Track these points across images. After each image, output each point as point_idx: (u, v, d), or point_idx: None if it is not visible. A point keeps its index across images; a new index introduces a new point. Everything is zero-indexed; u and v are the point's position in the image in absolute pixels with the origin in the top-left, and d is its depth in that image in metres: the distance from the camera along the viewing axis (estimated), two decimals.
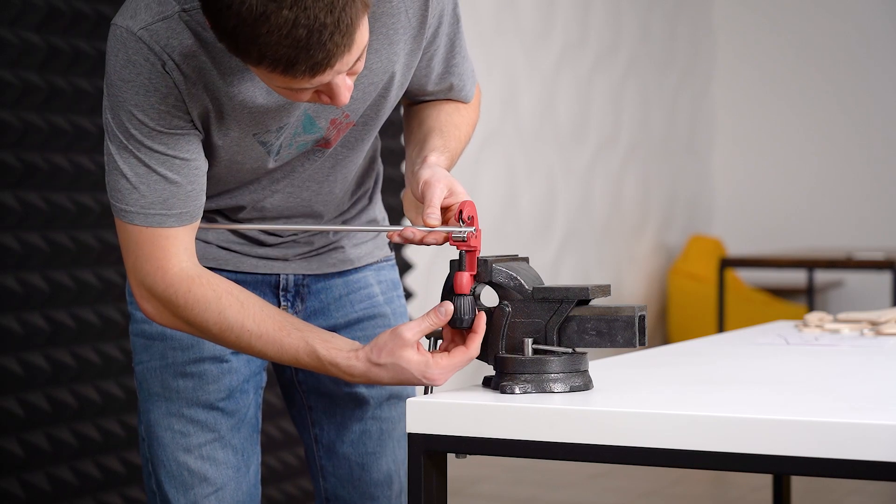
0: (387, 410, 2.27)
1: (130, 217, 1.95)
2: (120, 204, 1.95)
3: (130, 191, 1.94)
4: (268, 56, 1.73)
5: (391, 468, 2.28)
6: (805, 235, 8.82)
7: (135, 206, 1.94)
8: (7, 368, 3.38)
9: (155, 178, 1.93)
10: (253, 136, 2.00)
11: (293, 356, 1.96)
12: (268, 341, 1.96)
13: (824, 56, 8.86)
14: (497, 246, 6.27)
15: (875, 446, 1.57)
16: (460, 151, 2.16)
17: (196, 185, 1.97)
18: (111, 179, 1.95)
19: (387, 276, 2.31)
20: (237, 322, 1.96)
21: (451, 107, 2.19)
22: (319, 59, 1.74)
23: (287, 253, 2.19)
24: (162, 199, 1.94)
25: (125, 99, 1.91)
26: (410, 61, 2.07)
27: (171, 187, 1.94)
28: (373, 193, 2.28)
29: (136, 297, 2.00)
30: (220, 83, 1.93)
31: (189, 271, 1.97)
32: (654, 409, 1.69)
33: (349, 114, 2.05)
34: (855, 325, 2.64)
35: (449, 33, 2.11)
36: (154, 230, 1.95)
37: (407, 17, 2.03)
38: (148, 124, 1.91)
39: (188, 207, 1.96)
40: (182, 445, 2.16)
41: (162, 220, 1.95)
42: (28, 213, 3.43)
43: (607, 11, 7.84)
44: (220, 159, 2.02)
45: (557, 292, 1.85)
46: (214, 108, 1.95)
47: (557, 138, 7.36)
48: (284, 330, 1.96)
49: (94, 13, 3.58)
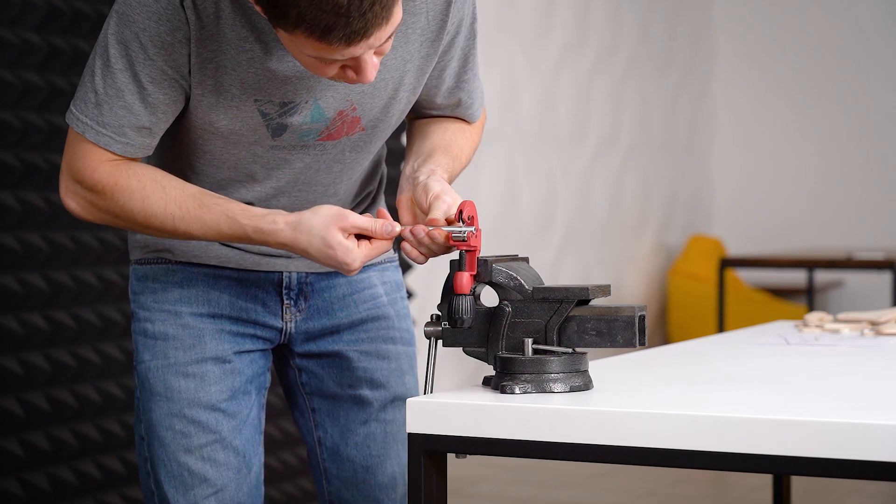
0: (391, 413, 2.27)
1: (83, 128, 2.00)
2: (79, 114, 2.00)
3: (94, 106, 1.99)
4: (306, 20, 1.75)
5: (395, 471, 2.28)
6: (805, 235, 8.82)
7: (91, 120, 1.99)
8: (7, 368, 3.38)
9: (121, 104, 1.98)
10: (254, 103, 2.00)
11: (216, 230, 2.00)
12: (191, 221, 2.01)
13: (824, 56, 8.86)
14: (497, 246, 6.26)
15: (875, 446, 1.57)
16: (458, 173, 2.17)
17: (153, 127, 2.01)
18: (81, 92, 2.00)
19: (391, 278, 2.32)
20: (160, 207, 2.01)
21: (457, 126, 2.20)
22: (357, 28, 1.76)
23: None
24: (118, 125, 1.99)
25: (135, 20, 1.94)
26: (424, 66, 2.07)
27: (131, 118, 1.98)
28: (376, 195, 2.29)
29: (62, 193, 2.05)
30: (233, 36, 1.94)
31: (118, 166, 2.02)
32: (654, 409, 1.69)
33: (357, 107, 2.05)
34: (855, 325, 2.64)
35: (464, 47, 2.12)
36: (98, 147, 2.01)
37: (427, 19, 2.03)
38: (148, 51, 1.95)
39: (136, 142, 2.01)
40: (183, 446, 2.15)
41: (108, 143, 2.00)
42: (28, 213, 3.43)
43: (607, 11, 7.83)
44: (218, 126, 2.02)
45: (557, 292, 1.85)
46: (221, 59, 1.96)
47: (557, 138, 7.36)
48: (205, 207, 2.00)
49: (94, 13, 3.58)
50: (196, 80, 1.98)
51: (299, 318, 2.22)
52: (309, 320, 2.23)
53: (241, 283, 2.18)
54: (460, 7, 2.07)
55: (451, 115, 2.21)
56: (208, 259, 2.16)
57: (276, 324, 2.21)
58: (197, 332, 2.15)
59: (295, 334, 2.23)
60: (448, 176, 2.08)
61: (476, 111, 2.22)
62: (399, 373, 2.27)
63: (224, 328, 2.17)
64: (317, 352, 2.25)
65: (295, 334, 2.23)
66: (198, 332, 2.15)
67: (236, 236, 2.00)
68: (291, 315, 2.21)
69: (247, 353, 2.19)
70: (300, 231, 1.96)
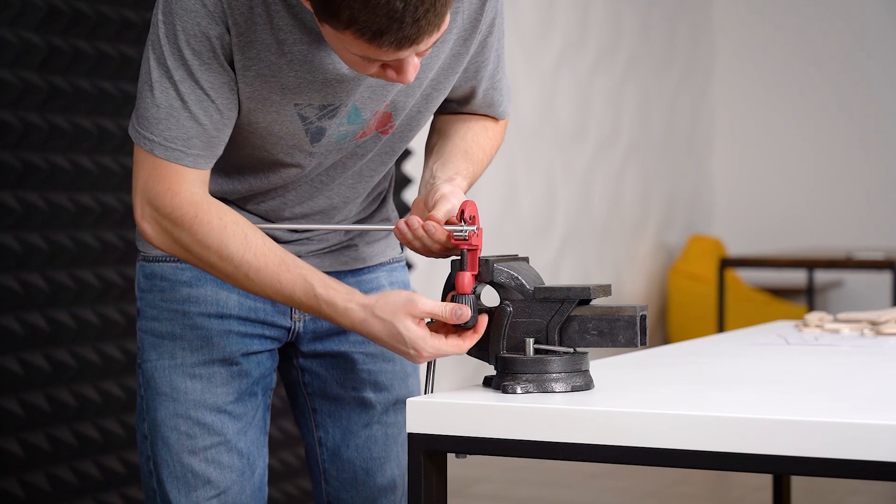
0: (392, 416, 2.26)
1: (151, 146, 1.96)
2: (144, 132, 1.96)
3: (158, 122, 1.95)
4: (359, 21, 1.73)
5: (395, 473, 2.27)
6: (805, 235, 8.82)
7: (159, 136, 1.95)
8: (7, 368, 3.38)
9: (186, 115, 1.94)
10: (294, 107, 1.99)
11: (289, 293, 1.96)
12: (266, 275, 1.96)
13: (824, 56, 8.86)
14: (497, 246, 6.26)
15: (875, 446, 1.57)
16: (479, 175, 2.17)
17: (220, 134, 1.97)
18: (141, 106, 1.96)
19: (399, 278, 2.32)
20: (238, 253, 1.96)
21: (479, 126, 2.19)
22: (408, 34, 1.75)
23: (300, 250, 2.18)
24: (185, 137, 1.95)
25: (195, 22, 1.91)
26: (456, 65, 2.07)
27: (196, 128, 1.95)
28: (387, 194, 2.29)
29: (137, 216, 2.00)
30: (272, 40, 1.93)
31: (199, 197, 1.97)
32: (655, 409, 1.69)
33: (389, 104, 2.04)
34: (855, 325, 2.64)
35: (497, 48, 2.12)
36: (171, 163, 1.96)
37: (462, 18, 2.03)
38: (202, 56, 1.92)
39: (206, 153, 1.97)
40: (187, 447, 2.15)
41: (179, 157, 1.95)
42: (28, 213, 3.42)
43: (607, 11, 7.83)
44: (258, 128, 2.01)
45: (559, 292, 1.85)
46: (259, 66, 1.94)
47: (557, 138, 7.36)
48: (284, 265, 1.96)
49: (94, 13, 3.58)
50: (239, 85, 1.97)
51: (308, 317, 2.22)
52: (317, 320, 2.22)
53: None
54: (493, 6, 2.07)
55: (480, 112, 2.21)
56: None
57: (285, 323, 2.20)
58: (204, 334, 2.15)
59: (303, 333, 2.23)
60: (467, 183, 2.08)
61: (506, 109, 2.22)
62: (403, 375, 2.27)
63: (232, 329, 2.16)
64: (322, 351, 2.24)
65: (303, 333, 2.23)
66: (205, 334, 2.15)
67: (305, 305, 1.96)
68: (301, 314, 2.21)
69: (254, 355, 2.18)
70: (373, 316, 1.91)
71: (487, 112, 2.20)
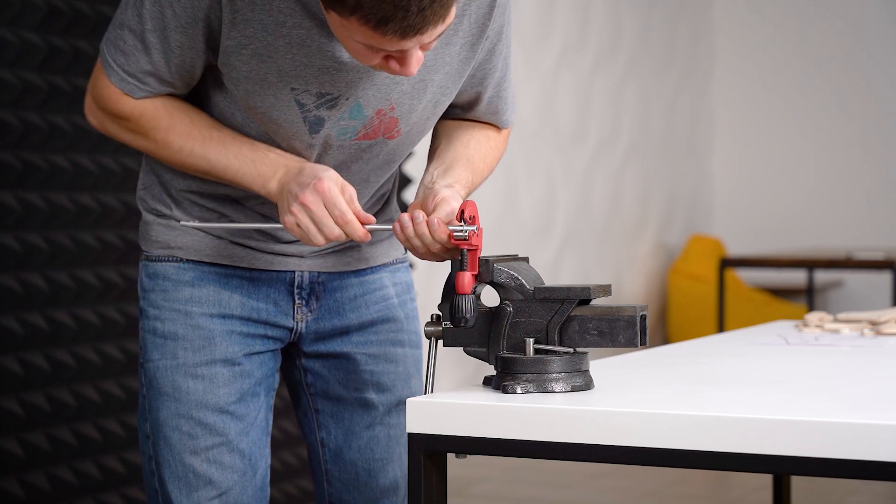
0: (395, 417, 2.26)
1: (109, 72, 2.05)
2: (109, 57, 2.04)
3: (121, 55, 2.03)
4: (364, 7, 1.74)
5: (398, 474, 2.27)
6: (805, 235, 8.82)
7: (119, 67, 2.03)
8: (7, 368, 3.38)
9: (147, 59, 2.01)
10: (291, 91, 1.99)
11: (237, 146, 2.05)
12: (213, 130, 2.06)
13: (824, 56, 8.86)
14: (497, 246, 6.26)
15: (875, 446, 1.57)
16: (478, 185, 2.17)
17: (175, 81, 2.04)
18: (113, 35, 2.04)
19: (402, 279, 2.31)
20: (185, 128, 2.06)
21: (483, 135, 2.19)
22: (414, 23, 1.76)
23: (302, 250, 2.18)
24: (141, 76, 2.03)
25: None
26: (462, 69, 2.07)
27: (153, 71, 2.02)
28: (390, 195, 2.29)
29: (87, 110, 2.11)
30: (270, 21, 1.94)
31: (145, 100, 2.06)
32: (654, 409, 1.69)
33: (395, 107, 2.04)
34: (855, 325, 2.64)
35: (505, 56, 2.12)
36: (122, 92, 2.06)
37: (469, 22, 2.03)
38: (180, 19, 1.96)
39: (162, 88, 2.05)
40: (189, 447, 2.15)
41: (132, 90, 2.05)
42: (28, 213, 3.43)
43: (607, 12, 7.83)
44: (258, 113, 2.02)
45: (559, 292, 1.85)
46: (256, 45, 1.95)
47: (557, 138, 7.36)
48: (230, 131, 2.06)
49: (94, 13, 3.58)
50: (229, 63, 1.98)
51: (310, 317, 2.22)
52: (320, 320, 2.22)
53: (253, 283, 2.18)
54: (501, 13, 2.07)
55: (484, 120, 2.21)
56: (220, 258, 2.16)
57: (288, 323, 2.20)
58: (207, 334, 2.15)
59: (305, 334, 2.23)
60: (465, 192, 2.08)
61: (510, 118, 2.22)
62: (405, 376, 2.27)
63: (235, 329, 2.16)
64: (325, 352, 2.24)
65: (305, 334, 2.23)
66: (208, 334, 2.15)
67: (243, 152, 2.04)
68: (303, 315, 2.21)
69: (257, 355, 2.18)
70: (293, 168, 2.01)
71: (491, 120, 2.20)
